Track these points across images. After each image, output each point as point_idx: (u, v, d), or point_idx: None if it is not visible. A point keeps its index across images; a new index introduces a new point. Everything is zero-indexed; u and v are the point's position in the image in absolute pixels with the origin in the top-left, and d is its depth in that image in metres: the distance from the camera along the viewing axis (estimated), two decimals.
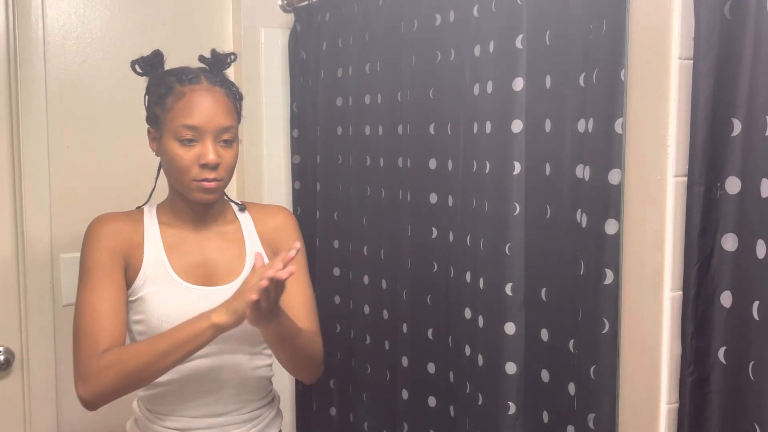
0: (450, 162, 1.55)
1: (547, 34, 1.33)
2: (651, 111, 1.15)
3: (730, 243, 1.09)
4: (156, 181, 1.48)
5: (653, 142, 1.15)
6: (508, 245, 1.38)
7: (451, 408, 1.60)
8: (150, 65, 1.43)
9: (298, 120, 2.05)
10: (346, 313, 1.89)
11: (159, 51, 1.44)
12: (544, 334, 1.38)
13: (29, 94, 1.84)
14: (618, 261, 1.22)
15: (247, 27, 2.06)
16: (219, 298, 1.31)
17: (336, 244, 1.94)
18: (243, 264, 1.45)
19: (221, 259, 1.44)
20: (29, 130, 1.84)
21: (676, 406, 1.15)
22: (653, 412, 1.17)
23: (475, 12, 1.45)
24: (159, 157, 1.42)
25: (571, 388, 1.33)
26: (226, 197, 1.51)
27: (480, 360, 1.46)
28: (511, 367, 1.39)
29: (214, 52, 1.45)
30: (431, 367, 1.64)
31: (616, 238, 1.22)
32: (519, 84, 1.36)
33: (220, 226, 1.47)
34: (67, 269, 1.90)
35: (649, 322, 1.18)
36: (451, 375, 1.59)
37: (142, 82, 1.46)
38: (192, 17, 2.05)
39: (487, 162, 1.43)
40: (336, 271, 1.94)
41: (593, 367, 1.25)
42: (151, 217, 1.44)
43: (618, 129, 1.20)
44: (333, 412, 1.99)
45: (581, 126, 1.28)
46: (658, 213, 1.15)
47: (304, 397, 2.09)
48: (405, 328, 1.68)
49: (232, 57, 1.46)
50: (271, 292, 1.21)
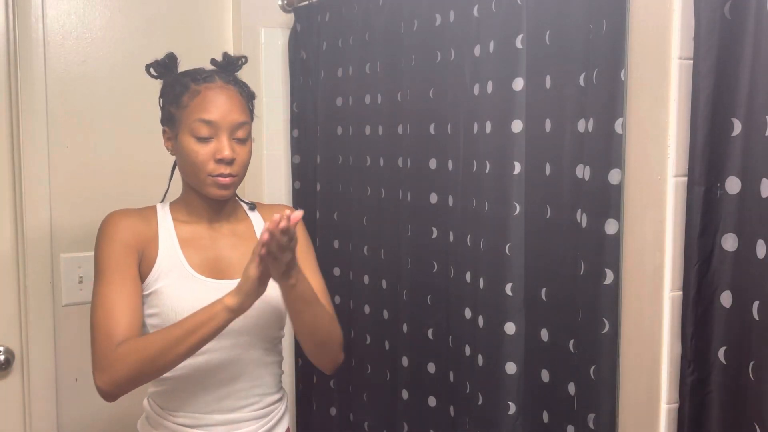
0: (450, 162, 1.55)
1: (547, 34, 1.33)
2: (651, 111, 1.15)
3: (730, 243, 1.09)
4: (170, 181, 1.49)
5: (653, 142, 1.15)
6: (508, 245, 1.38)
7: (451, 408, 1.60)
8: (164, 68, 1.47)
9: (298, 120, 2.05)
10: (346, 313, 1.89)
11: (173, 54, 1.48)
12: (544, 334, 1.38)
13: (29, 94, 1.84)
14: (618, 261, 1.22)
15: (247, 27, 2.06)
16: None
17: (336, 244, 1.94)
18: None
19: (234, 256, 1.46)
20: (29, 130, 1.84)
21: (676, 406, 1.15)
22: (653, 412, 1.17)
23: (475, 12, 1.45)
24: (174, 156, 1.45)
25: (571, 388, 1.33)
26: (236, 197, 1.54)
27: (480, 360, 1.46)
28: (511, 367, 1.39)
29: (225, 54, 1.50)
30: (431, 367, 1.64)
31: (616, 238, 1.22)
32: (519, 84, 1.36)
33: (233, 224, 1.50)
34: (67, 269, 1.91)
35: (649, 322, 1.18)
36: (451, 375, 1.59)
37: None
38: (192, 17, 2.05)
39: (487, 162, 1.43)
40: (336, 271, 1.94)
41: (593, 367, 1.25)
42: (164, 214, 1.46)
43: (618, 129, 1.20)
44: (333, 412, 1.99)
45: (581, 126, 1.28)
46: (658, 213, 1.15)
47: (304, 397, 2.09)
48: (405, 328, 1.68)
49: (243, 60, 1.51)
50: (278, 243, 1.24)
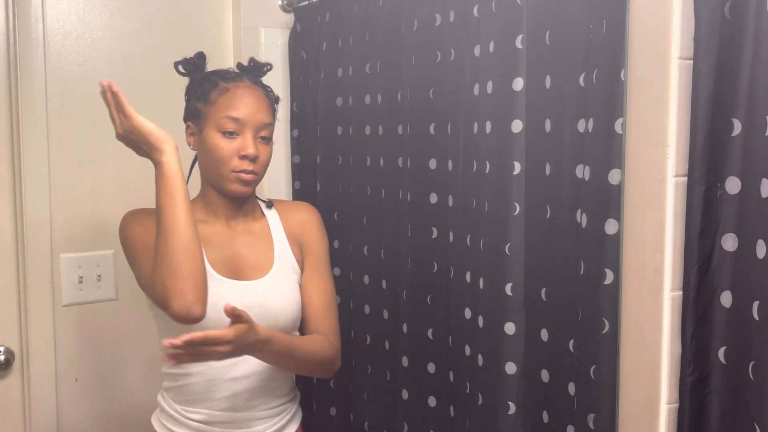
0: (450, 162, 1.55)
1: (547, 34, 1.33)
2: (651, 111, 1.15)
3: (730, 243, 1.09)
4: (189, 177, 1.50)
5: (653, 142, 1.15)
6: (508, 245, 1.38)
7: (451, 408, 1.60)
8: (193, 66, 1.52)
9: (298, 120, 2.05)
10: (346, 313, 1.89)
11: (202, 53, 1.53)
12: (544, 334, 1.38)
13: (29, 94, 1.84)
14: (618, 261, 1.22)
15: (247, 27, 2.06)
16: (249, 292, 1.41)
17: (336, 244, 1.94)
18: (271, 259, 1.50)
19: (250, 255, 1.48)
20: (29, 130, 1.84)
21: (676, 406, 1.15)
22: (653, 412, 1.17)
23: (475, 12, 1.45)
24: (195, 152, 1.48)
25: (571, 388, 1.33)
26: (255, 196, 1.56)
27: (480, 360, 1.46)
28: (511, 367, 1.39)
29: (252, 59, 1.56)
30: (431, 367, 1.64)
31: (616, 238, 1.22)
32: (519, 84, 1.36)
33: (250, 223, 1.53)
34: (67, 269, 1.91)
35: (649, 322, 1.18)
36: (451, 375, 1.59)
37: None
38: (192, 17, 2.05)
39: (487, 162, 1.43)
40: (336, 271, 1.94)
41: (593, 367, 1.25)
42: None
43: (618, 129, 1.20)
44: (333, 412, 1.99)
45: (581, 126, 1.28)
46: (658, 213, 1.15)
47: (304, 397, 2.09)
48: (405, 328, 1.68)
49: (269, 67, 1.57)
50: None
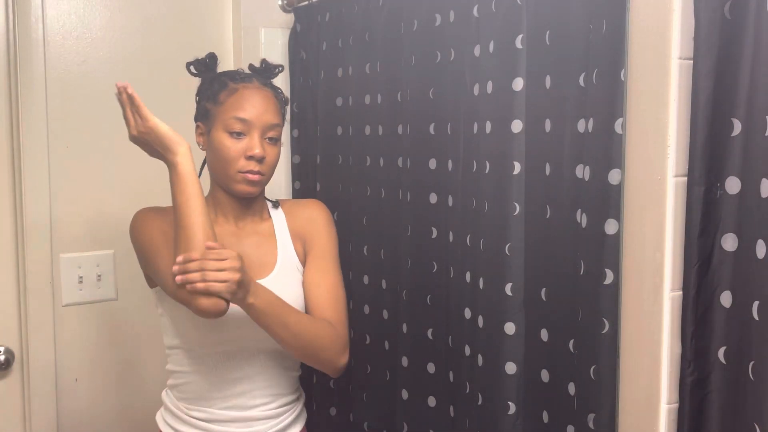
0: (450, 162, 1.55)
1: (547, 34, 1.33)
2: (651, 111, 1.15)
3: (730, 243, 1.09)
4: (199, 177, 1.50)
5: (653, 142, 1.15)
6: (508, 245, 1.38)
7: (451, 408, 1.60)
8: (205, 66, 1.53)
9: (298, 120, 2.05)
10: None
11: (213, 54, 1.54)
12: (544, 334, 1.38)
13: (29, 94, 1.84)
14: (618, 261, 1.22)
15: (247, 27, 2.06)
16: None
17: None
18: (275, 259, 1.51)
19: (255, 255, 1.49)
20: (29, 130, 1.84)
21: (676, 406, 1.15)
22: (653, 412, 1.17)
23: (475, 12, 1.45)
24: (204, 152, 1.49)
25: (571, 388, 1.33)
26: (264, 197, 1.57)
27: (480, 360, 1.46)
28: (511, 367, 1.39)
29: (264, 61, 1.56)
30: (431, 367, 1.64)
31: (616, 238, 1.22)
32: (519, 84, 1.36)
33: (257, 223, 1.54)
34: (67, 269, 1.91)
35: (649, 322, 1.18)
36: (451, 375, 1.59)
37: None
38: (192, 17, 2.05)
39: (487, 162, 1.43)
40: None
41: (593, 367, 1.25)
42: None
43: (618, 129, 1.20)
44: (333, 412, 1.99)
45: (581, 126, 1.28)
46: (658, 213, 1.15)
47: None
48: (405, 328, 1.68)
49: (280, 68, 1.58)
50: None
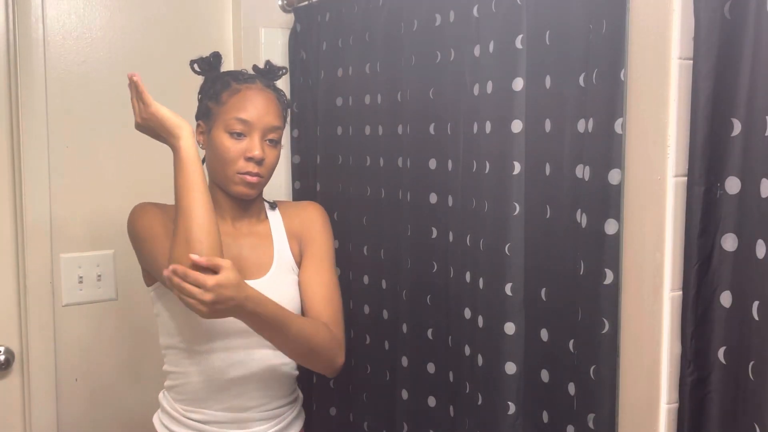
0: (450, 162, 1.55)
1: (547, 34, 1.33)
2: (651, 111, 1.15)
3: (729, 243, 1.09)
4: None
5: (653, 142, 1.15)
6: (508, 245, 1.38)
7: (450, 408, 1.60)
8: (208, 65, 1.53)
9: (298, 120, 2.05)
10: (346, 313, 1.89)
11: (218, 53, 1.54)
12: (544, 334, 1.38)
13: (29, 94, 1.84)
14: (618, 261, 1.22)
15: (247, 27, 2.06)
16: None
17: (336, 244, 1.93)
18: (270, 261, 1.51)
19: (251, 256, 1.49)
20: (29, 130, 1.84)
21: (676, 406, 1.15)
22: (653, 412, 1.17)
23: (475, 12, 1.45)
24: (204, 150, 1.48)
25: (571, 388, 1.33)
26: (262, 198, 1.57)
27: (480, 360, 1.46)
28: (510, 367, 1.39)
29: (268, 62, 1.57)
30: (431, 367, 1.64)
31: (616, 238, 1.22)
32: (519, 84, 1.36)
33: (253, 224, 1.54)
34: (67, 269, 1.91)
35: (649, 322, 1.18)
36: (450, 375, 1.59)
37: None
38: (192, 17, 2.05)
39: (487, 162, 1.43)
40: (336, 271, 1.94)
41: (593, 367, 1.25)
42: None
43: (618, 129, 1.20)
44: (333, 412, 1.99)
45: (581, 126, 1.28)
46: (658, 213, 1.15)
47: (304, 397, 2.09)
48: (405, 328, 1.68)
49: (284, 71, 1.58)
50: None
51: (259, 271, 1.48)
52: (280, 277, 1.50)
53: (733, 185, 1.08)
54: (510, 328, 1.39)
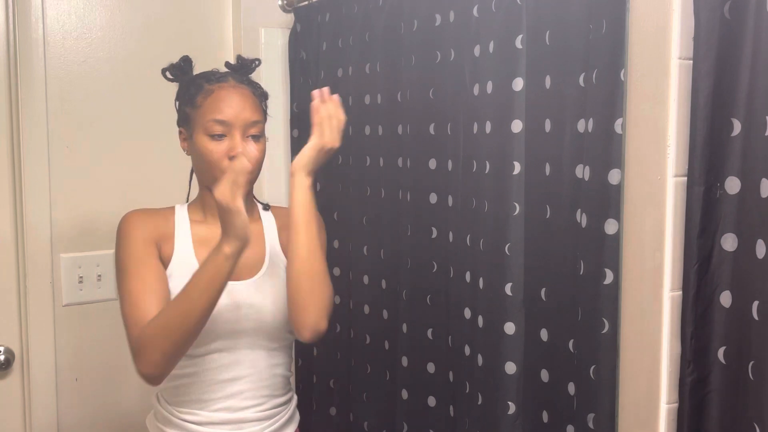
0: (450, 162, 1.55)
1: (547, 34, 1.33)
2: (651, 111, 1.15)
3: (729, 243, 1.09)
4: (190, 183, 1.51)
5: (653, 142, 1.15)
6: (508, 245, 1.38)
7: (450, 408, 1.60)
8: (180, 71, 1.50)
9: (298, 120, 2.05)
10: (346, 313, 1.89)
11: (188, 57, 1.51)
12: (544, 334, 1.38)
13: (29, 94, 1.84)
14: (618, 261, 1.22)
15: (247, 27, 2.06)
16: (238, 292, 1.40)
17: (336, 244, 1.94)
18: (262, 261, 1.49)
19: (244, 255, 1.47)
20: (29, 130, 1.84)
21: (676, 405, 1.15)
22: (653, 412, 1.17)
23: (475, 12, 1.45)
24: (190, 157, 1.47)
25: (571, 388, 1.33)
26: (253, 197, 1.55)
27: (480, 360, 1.46)
28: (510, 367, 1.39)
29: (239, 57, 1.55)
30: (431, 367, 1.64)
31: (616, 238, 1.22)
32: (519, 84, 1.36)
33: None
34: (67, 269, 1.91)
35: (649, 322, 1.18)
36: (450, 375, 1.59)
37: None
38: (192, 17, 2.05)
39: (487, 162, 1.43)
40: (336, 271, 1.94)
41: (593, 367, 1.25)
42: (182, 214, 1.49)
43: (618, 129, 1.20)
44: (333, 412, 1.99)
45: (581, 126, 1.28)
46: (657, 213, 1.15)
47: (304, 397, 2.09)
48: (405, 328, 1.68)
49: (257, 62, 1.56)
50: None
51: (251, 271, 1.47)
52: (271, 278, 1.50)
53: (733, 185, 1.08)
54: (510, 328, 1.39)
